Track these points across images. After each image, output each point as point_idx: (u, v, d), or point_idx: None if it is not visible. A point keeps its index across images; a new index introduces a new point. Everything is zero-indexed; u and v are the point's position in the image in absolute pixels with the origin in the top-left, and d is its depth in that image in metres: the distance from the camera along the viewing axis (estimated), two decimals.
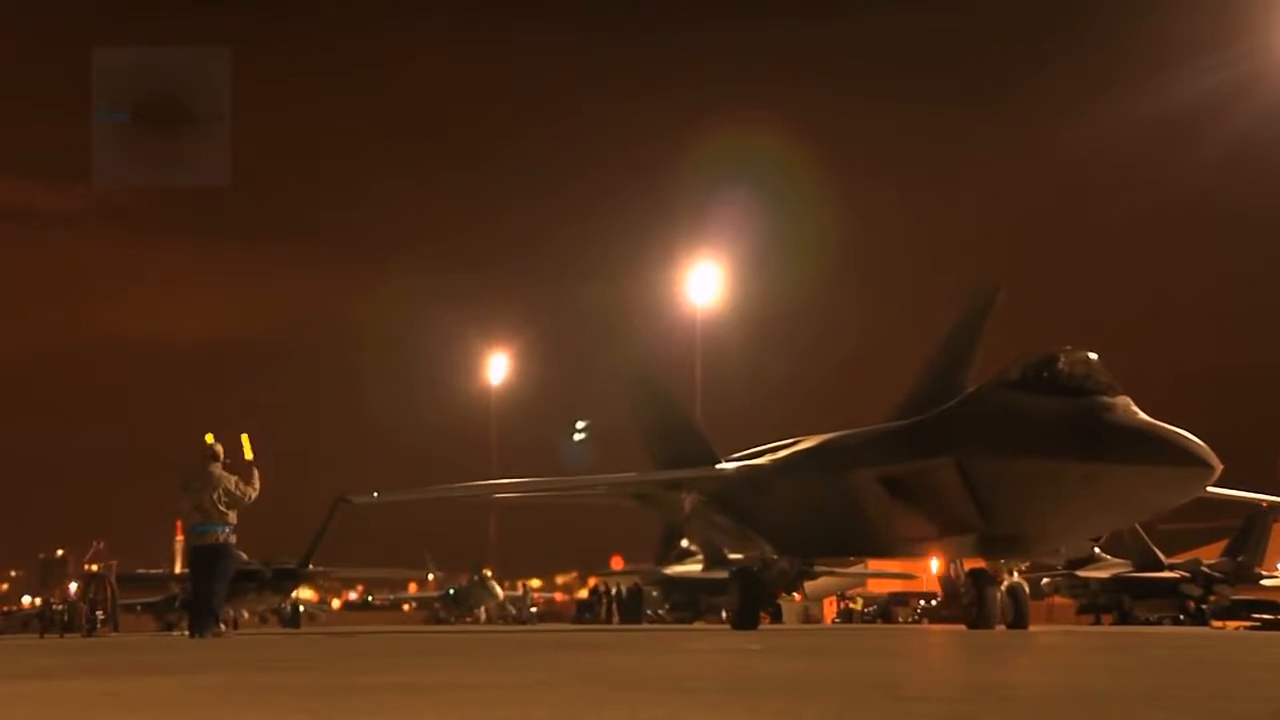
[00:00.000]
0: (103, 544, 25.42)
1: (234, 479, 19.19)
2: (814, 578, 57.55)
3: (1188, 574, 44.91)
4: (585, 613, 63.06)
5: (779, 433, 26.82)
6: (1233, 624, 34.13)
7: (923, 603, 67.90)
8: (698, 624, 49.70)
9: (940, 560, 27.13)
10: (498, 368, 76.82)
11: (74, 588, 37.07)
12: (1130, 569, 45.94)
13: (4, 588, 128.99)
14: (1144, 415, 19.23)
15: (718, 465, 26.40)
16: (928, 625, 50.63)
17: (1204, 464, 18.57)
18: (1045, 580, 55.75)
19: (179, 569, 53.22)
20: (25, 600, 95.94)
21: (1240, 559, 45.75)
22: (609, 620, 55.77)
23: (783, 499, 24.37)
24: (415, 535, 77.79)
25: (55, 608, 42.31)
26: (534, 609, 72.17)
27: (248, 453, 19.32)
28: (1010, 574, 21.80)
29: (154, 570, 55.59)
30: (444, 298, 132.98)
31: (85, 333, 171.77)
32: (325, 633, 26.76)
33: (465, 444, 79.32)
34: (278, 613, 50.18)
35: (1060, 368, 19.98)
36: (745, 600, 25.08)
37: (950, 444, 21.10)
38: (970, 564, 24.01)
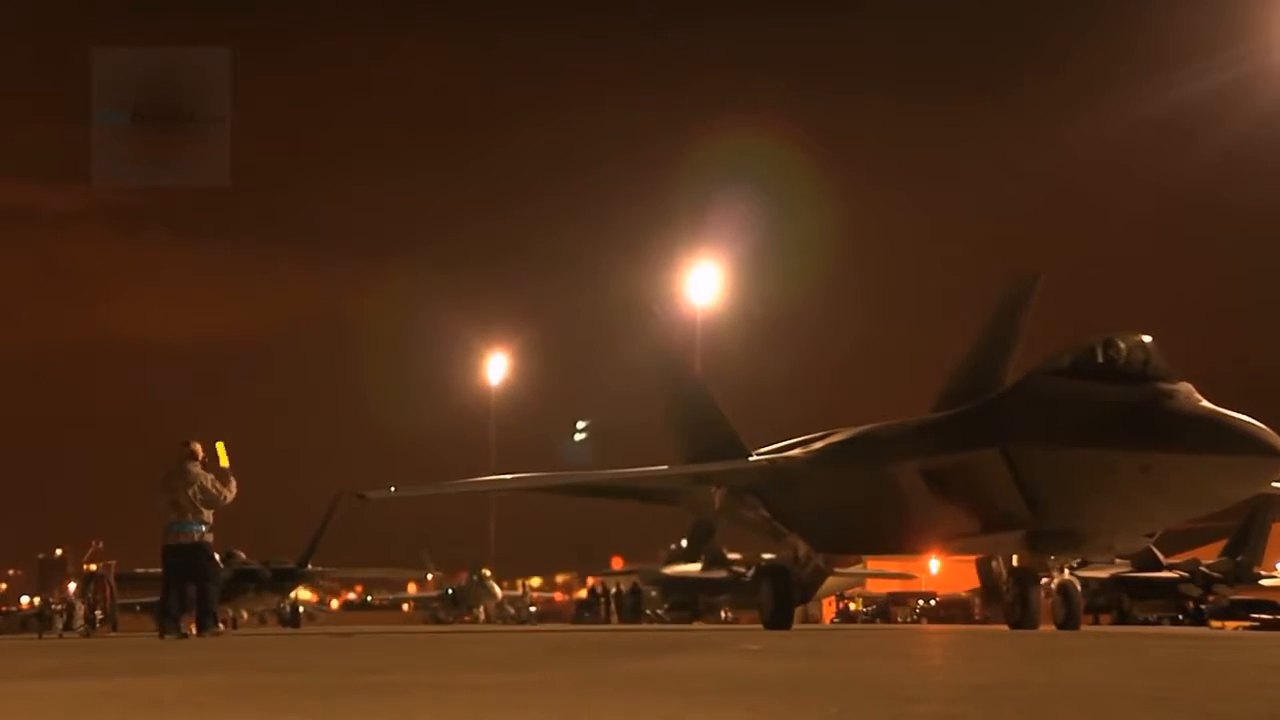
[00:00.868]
0: (101, 544, 25.35)
1: (210, 477, 19.13)
2: None
3: (1187, 574, 44.96)
4: (585, 612, 63.10)
5: (780, 433, 26.36)
6: (1232, 624, 34.19)
7: (921, 603, 68.01)
8: (696, 624, 49.70)
9: (974, 557, 26.34)
10: (497, 367, 76.80)
11: (73, 587, 37.11)
12: (1129, 569, 45.94)
13: (3, 587, 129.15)
14: (1207, 403, 18.16)
15: (750, 458, 25.49)
16: (926, 625, 50.65)
17: (1275, 453, 17.34)
18: (1044, 580, 55.85)
19: None
20: (24, 600, 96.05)
21: (1239, 559, 45.80)
22: (608, 620, 55.74)
23: (818, 493, 23.42)
24: (414, 535, 77.87)
25: (54, 607, 42.34)
26: (533, 609, 72.19)
27: (223, 460, 19.32)
28: (1061, 571, 21.09)
29: (153, 570, 55.56)
30: (443, 297, 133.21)
31: (84, 332, 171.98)
32: (324, 633, 26.76)
33: (464, 443, 79.29)
34: (277, 613, 50.23)
35: (1116, 353, 18.96)
36: (778, 598, 23.99)
37: (996, 435, 20.14)
38: (998, 562, 23.25)
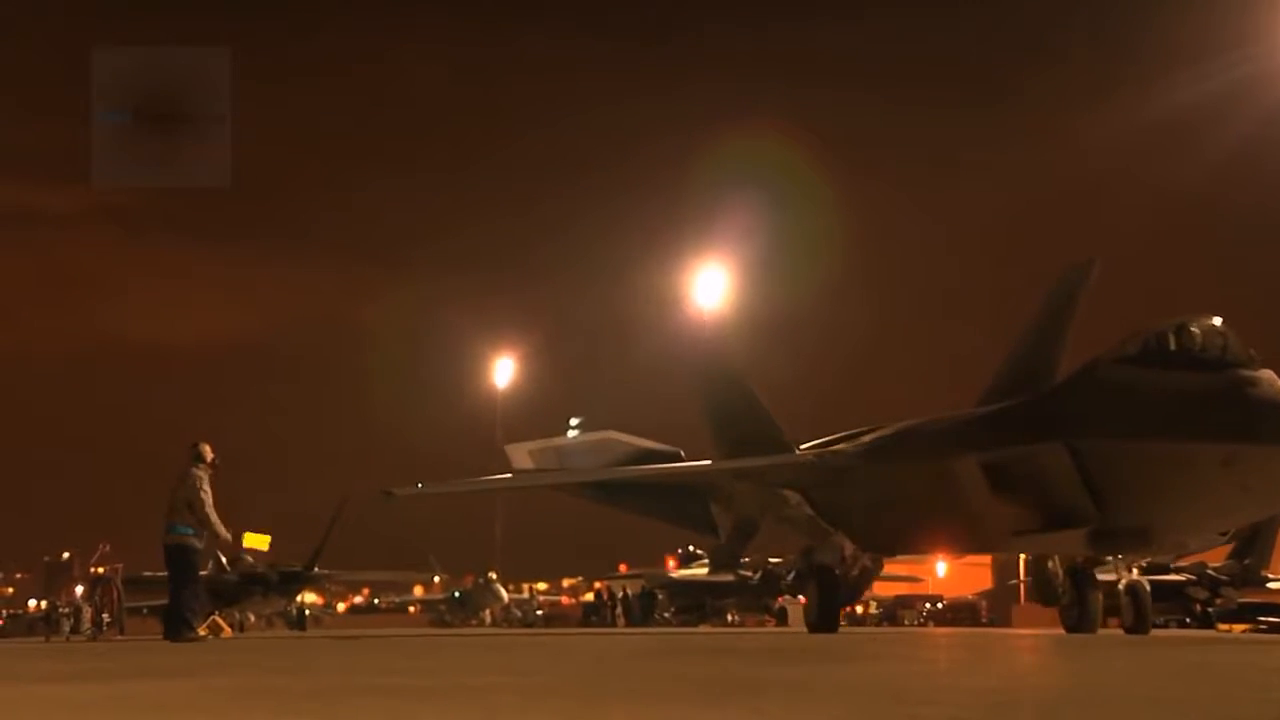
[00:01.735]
0: (108, 546, 25.43)
1: (206, 480, 19.09)
2: None
3: (1194, 576, 44.80)
4: (592, 615, 63.09)
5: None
6: (1238, 627, 34.15)
7: (928, 606, 67.99)
8: (703, 627, 49.69)
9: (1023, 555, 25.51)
10: (503, 370, 76.87)
11: (79, 591, 37.15)
12: (1137, 572, 45.83)
13: (9, 591, 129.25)
14: None
15: (795, 453, 24.32)
16: (933, 628, 50.61)
17: None
18: None
19: None
20: (31, 603, 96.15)
21: (1246, 562, 45.67)
22: (614, 623, 55.72)
23: (868, 489, 22.34)
24: (421, 539, 77.96)
25: (61, 610, 42.39)
26: (540, 612, 72.20)
27: (260, 544, 19.36)
28: (1129, 571, 20.08)
29: (160, 573, 55.61)
30: (449, 300, 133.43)
31: (88, 335, 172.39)
32: (331, 636, 26.77)
33: (471, 447, 79.33)
34: (284, 616, 50.26)
35: (1190, 339, 17.82)
36: (823, 600, 22.96)
37: (1060, 427, 18.95)
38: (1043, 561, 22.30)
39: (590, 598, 74.72)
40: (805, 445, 24.57)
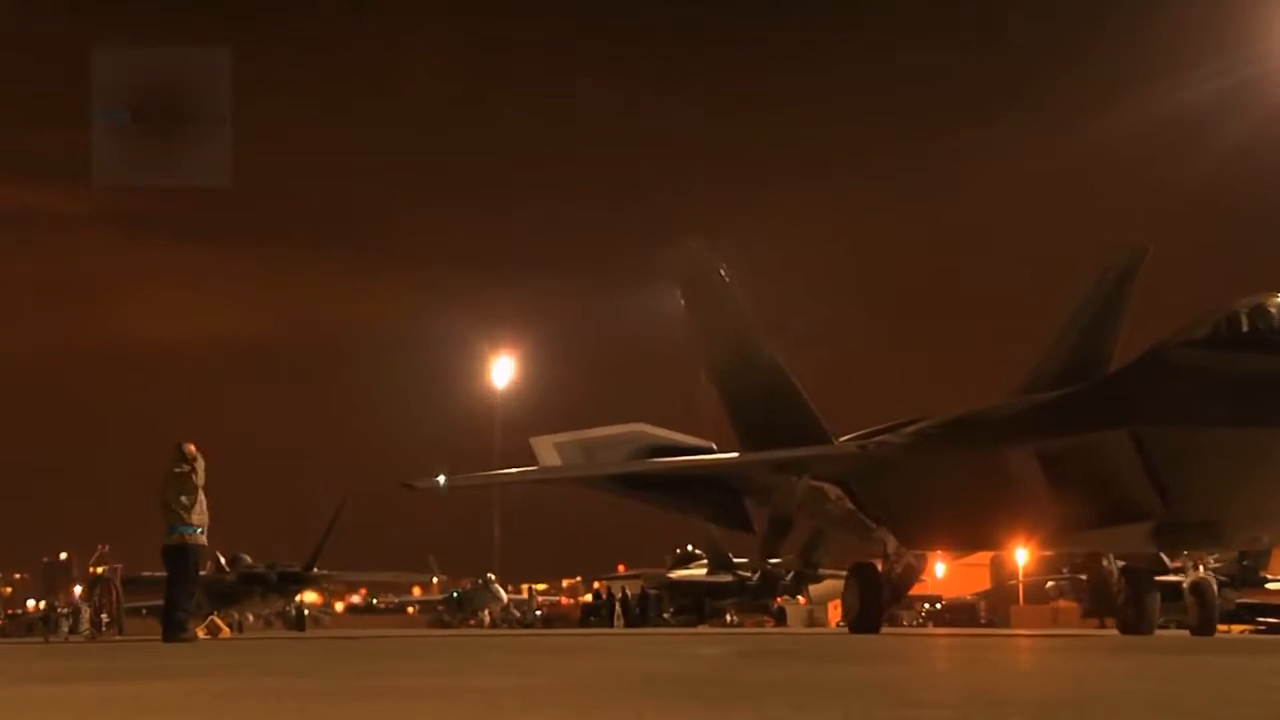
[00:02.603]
0: (107, 547, 25.49)
1: (194, 478, 19.12)
2: (818, 580, 57.82)
3: None
4: (591, 616, 63.12)
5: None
6: (1237, 628, 34.14)
7: (927, 606, 68.03)
8: (702, 628, 49.70)
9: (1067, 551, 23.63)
10: (502, 370, 76.86)
11: (78, 591, 37.16)
12: None
13: (8, 591, 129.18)
14: None
15: (835, 443, 22.99)
16: (932, 629, 50.62)
17: None
18: (1050, 584, 55.84)
19: None
20: (30, 604, 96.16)
21: (1245, 562, 45.63)
22: (614, 624, 55.75)
23: (915, 482, 20.92)
24: (419, 539, 77.90)
25: (60, 611, 42.43)
26: (539, 613, 72.19)
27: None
28: (1196, 568, 18.77)
29: (159, 574, 55.62)
30: (448, 299, 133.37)
31: (88, 335, 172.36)
32: (330, 636, 26.75)
33: (470, 447, 79.39)
34: (282, 616, 50.26)
35: (1267, 319, 16.71)
36: (865, 600, 21.77)
37: (1122, 414, 17.62)
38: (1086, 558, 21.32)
39: (589, 598, 74.75)
40: (845, 437, 23.20)
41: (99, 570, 25.39)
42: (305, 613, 52.09)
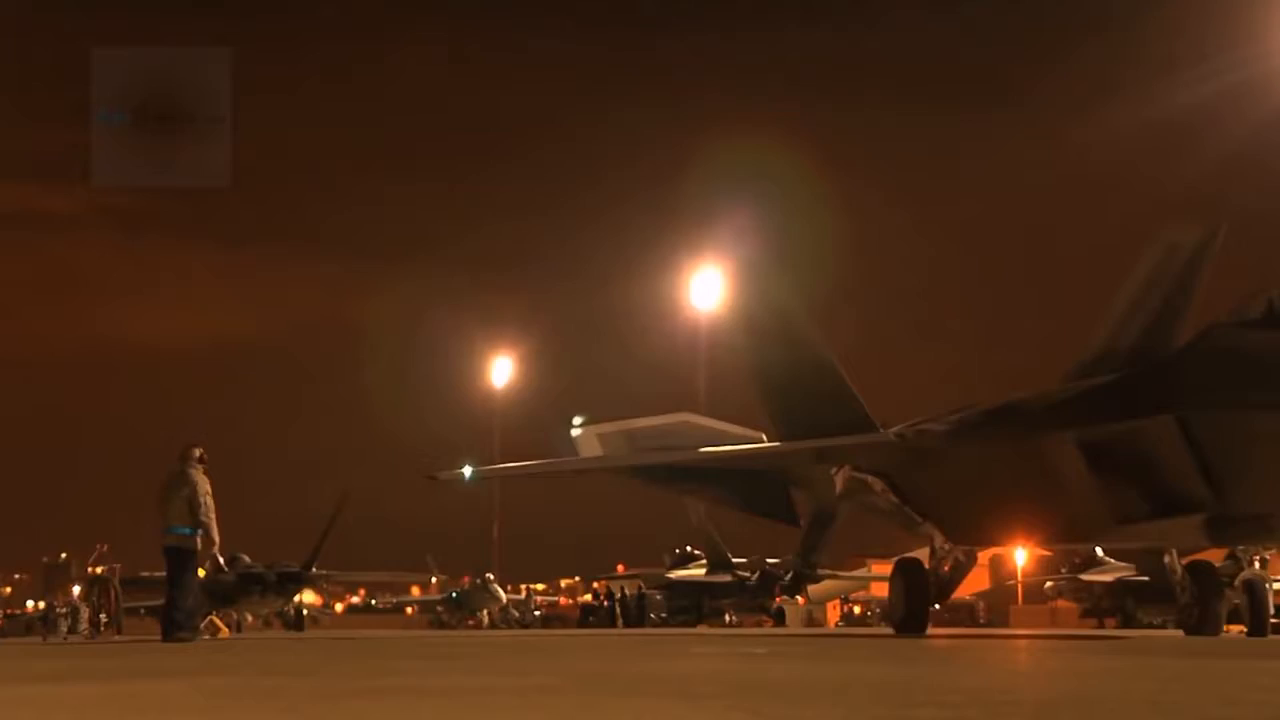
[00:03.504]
0: (106, 547, 25.41)
1: (206, 488, 18.98)
2: (817, 580, 57.79)
3: None
4: (589, 616, 63.09)
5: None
6: (1237, 628, 34.05)
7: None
8: (701, 628, 49.68)
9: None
10: (502, 370, 76.89)
11: (77, 591, 37.15)
12: (1134, 572, 45.85)
13: (8, 591, 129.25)
14: None
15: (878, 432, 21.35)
16: (930, 629, 50.52)
17: None
18: (1049, 584, 55.88)
19: None
20: (29, 604, 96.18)
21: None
22: (614, 624, 55.75)
23: (956, 473, 19.59)
24: (418, 539, 77.89)
25: (59, 611, 42.43)
26: (537, 613, 72.18)
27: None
28: (1250, 564, 17.91)
29: (158, 573, 55.62)
30: (447, 300, 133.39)
31: (86, 336, 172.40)
32: (329, 636, 26.75)
33: (469, 447, 79.48)
34: (281, 616, 50.23)
35: None
36: (910, 599, 20.57)
37: (1168, 398, 16.45)
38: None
39: (588, 598, 74.72)
40: (897, 428, 21.44)
41: (98, 570, 25.34)
42: (304, 613, 52.07)
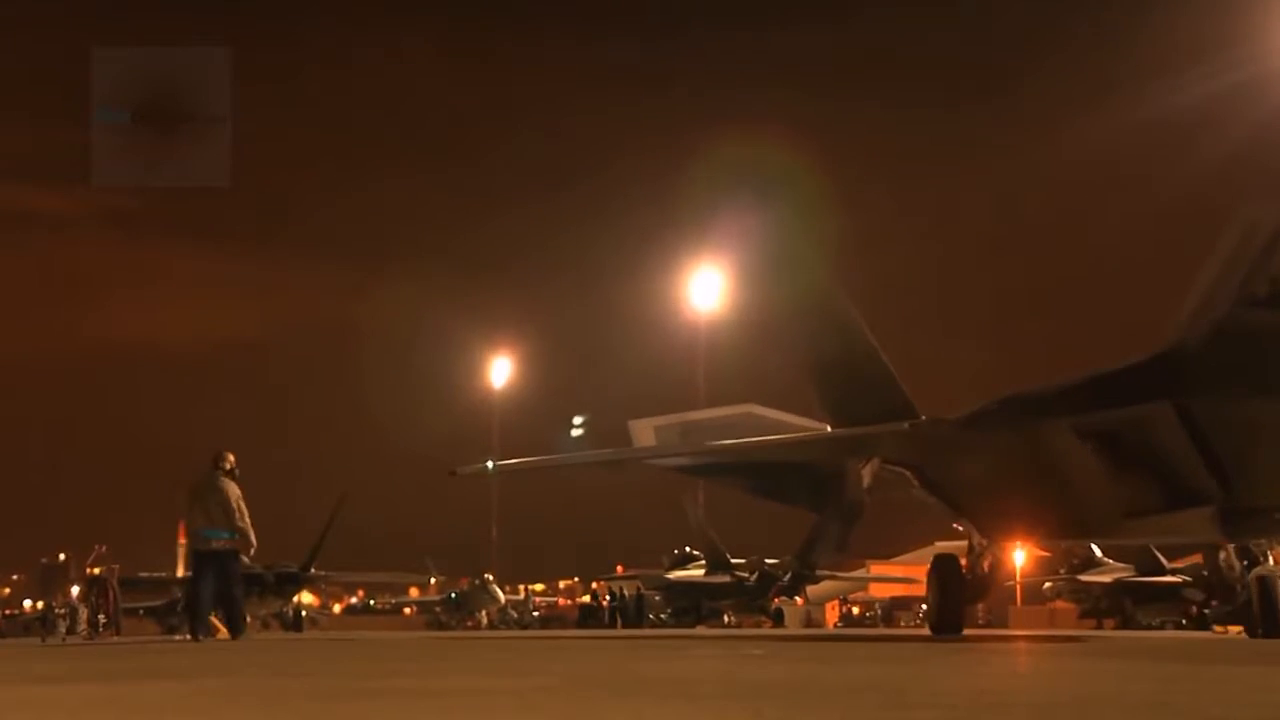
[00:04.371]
0: (105, 548, 25.36)
1: (237, 494, 19.48)
2: (816, 581, 57.85)
3: (1190, 578, 44.78)
4: (588, 617, 63.11)
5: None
6: (1235, 629, 34.08)
7: (924, 607, 67.95)
8: (699, 628, 49.69)
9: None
10: (500, 370, 76.94)
11: (76, 591, 37.11)
12: (1132, 573, 45.89)
13: (6, 592, 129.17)
14: None
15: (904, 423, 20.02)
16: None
17: None
18: (1047, 585, 55.87)
19: (181, 573, 53.30)
20: (27, 604, 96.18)
21: (1244, 563, 45.62)
22: (613, 624, 55.77)
23: (975, 465, 18.64)
24: (417, 540, 77.88)
25: (57, 612, 42.35)
26: (536, 613, 72.19)
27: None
28: (1266, 558, 17.06)
29: (157, 574, 55.74)
30: (446, 300, 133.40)
31: (85, 336, 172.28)
32: (327, 637, 26.77)
33: (468, 447, 79.49)
34: (279, 617, 50.21)
35: None
36: (946, 597, 19.61)
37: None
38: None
39: (587, 599, 74.71)
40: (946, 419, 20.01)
41: (96, 571, 25.30)
42: (302, 614, 52.05)
